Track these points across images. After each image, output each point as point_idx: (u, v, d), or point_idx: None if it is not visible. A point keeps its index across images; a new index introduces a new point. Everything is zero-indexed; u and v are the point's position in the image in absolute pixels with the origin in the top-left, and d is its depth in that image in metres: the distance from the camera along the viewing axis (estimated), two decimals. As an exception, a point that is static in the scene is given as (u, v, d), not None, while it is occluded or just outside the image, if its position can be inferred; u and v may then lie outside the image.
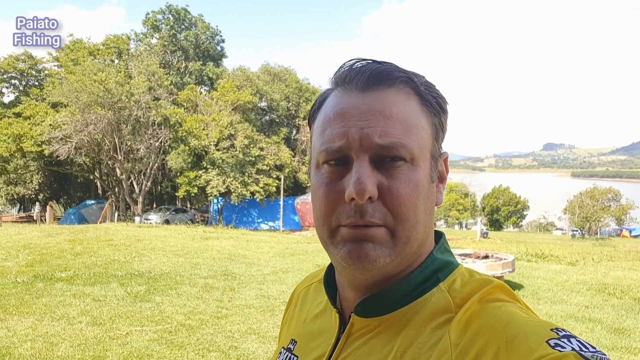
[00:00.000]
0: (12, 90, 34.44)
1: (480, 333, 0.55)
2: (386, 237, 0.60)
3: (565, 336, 0.52)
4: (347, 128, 0.60)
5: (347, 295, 0.68)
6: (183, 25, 36.87)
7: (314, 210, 0.65)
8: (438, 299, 0.62)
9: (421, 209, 0.62)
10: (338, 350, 0.66)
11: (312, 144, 0.68)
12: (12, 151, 28.75)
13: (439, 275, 0.65)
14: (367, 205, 0.58)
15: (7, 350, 4.83)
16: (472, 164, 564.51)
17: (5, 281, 7.80)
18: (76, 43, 32.89)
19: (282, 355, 0.76)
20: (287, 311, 0.88)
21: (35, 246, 11.21)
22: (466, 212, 62.44)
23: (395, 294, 0.63)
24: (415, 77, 0.64)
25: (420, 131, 0.63)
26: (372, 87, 0.62)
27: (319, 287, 0.79)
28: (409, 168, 0.61)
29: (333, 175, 0.62)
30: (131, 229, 16.15)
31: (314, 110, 0.69)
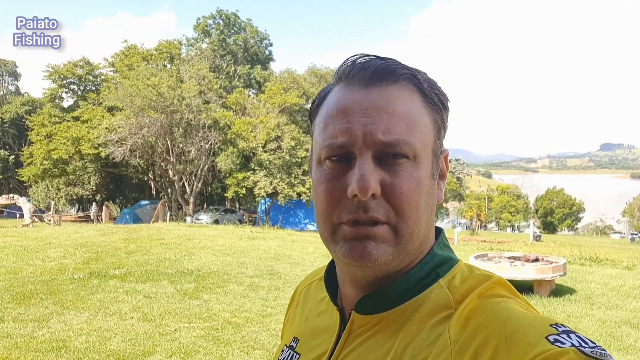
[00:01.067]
0: (71, 95, 36.15)
1: (479, 329, 0.55)
2: (389, 235, 0.60)
3: (564, 332, 0.51)
4: (350, 124, 0.60)
5: (348, 292, 0.69)
6: (233, 30, 37.62)
7: (316, 206, 0.64)
8: (438, 295, 0.62)
9: (423, 206, 0.62)
10: (339, 348, 0.66)
11: (313, 139, 0.68)
12: (71, 153, 30.14)
13: (439, 271, 0.65)
14: (369, 201, 0.58)
15: (64, 343, 5.07)
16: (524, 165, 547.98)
17: (63, 277, 8.18)
18: (130, 49, 34.11)
19: (284, 353, 0.77)
20: (289, 309, 0.88)
21: (92, 244, 11.70)
22: (518, 215, 60.71)
23: (395, 291, 0.63)
24: (418, 74, 0.64)
25: (422, 128, 0.62)
26: (375, 83, 0.62)
27: (320, 285, 0.79)
28: (412, 165, 0.61)
29: (335, 171, 0.61)
30: (182, 228, 16.61)
31: (315, 105, 0.69)
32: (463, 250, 12.87)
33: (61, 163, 31.59)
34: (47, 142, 31.06)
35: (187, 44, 37.96)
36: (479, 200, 51.55)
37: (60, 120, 32.59)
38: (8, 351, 4.80)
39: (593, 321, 6.41)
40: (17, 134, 43.12)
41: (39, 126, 32.51)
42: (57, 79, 34.74)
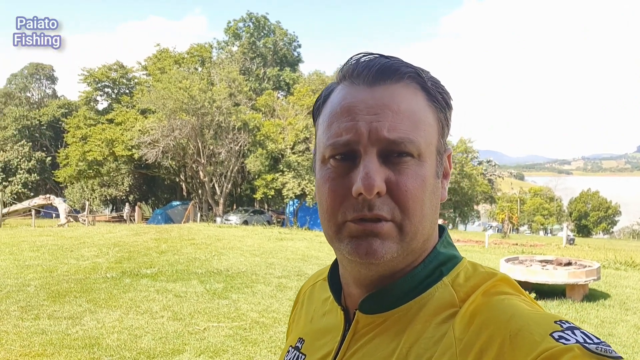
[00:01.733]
0: (105, 98, 37.06)
1: (484, 327, 0.55)
2: (394, 232, 0.60)
3: (569, 328, 0.51)
4: (355, 122, 0.60)
5: (352, 291, 0.68)
6: (262, 33, 37.95)
7: (320, 205, 0.64)
8: (442, 294, 0.62)
9: (427, 204, 0.62)
10: (344, 348, 0.66)
11: (317, 138, 0.68)
12: (105, 155, 30.88)
13: (443, 270, 0.65)
14: (374, 199, 0.58)
15: (96, 341, 5.18)
16: (558, 167, 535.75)
17: (96, 276, 8.38)
18: (163, 52, 34.76)
19: (289, 354, 0.77)
20: (294, 310, 0.88)
21: (124, 244, 11.95)
22: (551, 218, 59.43)
23: (399, 290, 0.63)
24: (422, 73, 0.64)
25: (427, 127, 0.62)
26: (380, 81, 0.62)
27: (325, 285, 0.78)
28: (416, 163, 0.61)
29: (340, 169, 0.61)
30: (212, 229, 16.82)
31: (319, 103, 0.69)
32: (494, 253, 12.66)
33: (96, 164, 32.39)
34: (82, 144, 31.91)
35: (217, 47, 38.50)
36: (511, 202, 50.63)
37: (95, 122, 33.44)
38: (43, 347, 4.94)
39: (628, 327, 6.23)
40: (54, 136, 44.41)
41: (74, 128, 33.43)
42: (92, 82, 35.67)
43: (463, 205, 39.51)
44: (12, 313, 6.09)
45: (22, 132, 43.41)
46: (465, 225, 51.12)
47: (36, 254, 10.32)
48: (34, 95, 48.66)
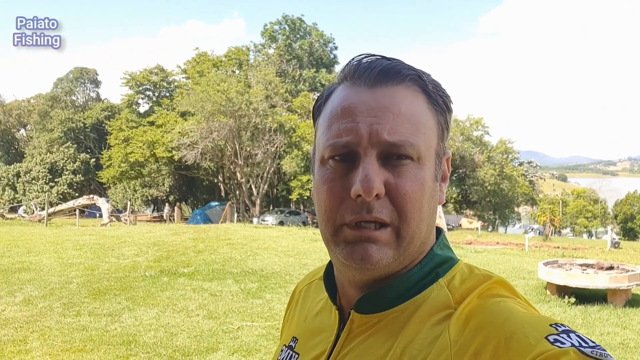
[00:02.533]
0: (146, 101, 38.04)
1: (479, 329, 0.54)
2: (391, 238, 0.59)
3: (564, 331, 0.51)
4: (355, 123, 0.60)
5: (347, 292, 0.68)
6: (298, 35, 38.17)
7: (318, 206, 0.64)
8: (437, 295, 0.62)
9: (426, 207, 0.62)
10: (338, 347, 0.66)
11: (316, 138, 0.67)
12: (146, 156, 31.70)
13: (438, 271, 0.64)
14: (373, 202, 0.58)
15: (134, 338, 5.32)
16: (602, 168, 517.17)
17: (135, 275, 8.60)
18: (201, 56, 35.41)
19: (283, 353, 0.76)
20: (289, 309, 0.87)
21: (163, 243, 12.22)
22: (595, 220, 57.51)
23: (394, 291, 0.63)
24: (423, 75, 0.64)
25: (427, 130, 0.62)
26: (381, 83, 0.61)
27: (320, 285, 0.78)
28: (416, 167, 0.60)
29: (339, 171, 0.61)
30: (248, 229, 17.02)
31: (319, 104, 0.68)
32: (533, 256, 12.35)
33: (137, 166, 33.29)
34: (124, 145, 32.86)
35: (254, 49, 38.94)
36: (553, 204, 49.20)
37: (136, 125, 34.38)
38: (83, 343, 5.10)
39: (677, 336, 5.96)
40: (98, 138, 45.83)
41: (117, 131, 34.47)
42: (134, 85, 36.67)
43: (503, 207, 38.64)
44: (55, 309, 6.32)
45: (68, 134, 44.99)
46: (506, 228, 50.02)
47: (79, 253, 10.67)
48: (78, 98, 50.32)
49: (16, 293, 7.06)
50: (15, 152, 50.38)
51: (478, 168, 32.54)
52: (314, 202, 0.67)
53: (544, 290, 7.84)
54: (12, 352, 4.79)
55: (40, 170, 42.14)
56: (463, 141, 32.38)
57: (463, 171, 33.13)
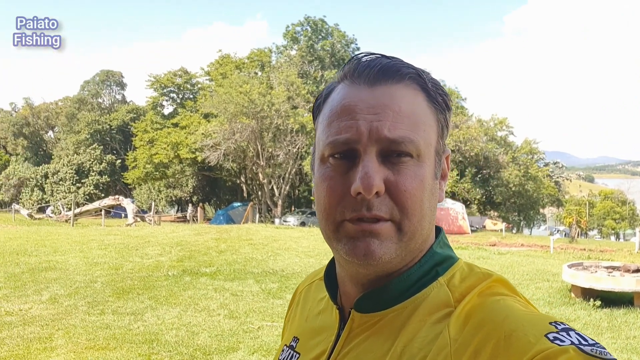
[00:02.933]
0: (170, 103, 38.55)
1: (478, 327, 0.54)
2: (392, 232, 0.60)
3: (564, 329, 0.52)
4: (355, 121, 0.60)
5: (348, 290, 0.68)
6: (320, 36, 38.22)
7: (318, 204, 0.64)
8: (437, 294, 0.62)
9: (426, 204, 0.62)
10: (339, 347, 0.66)
11: (316, 136, 0.68)
12: (170, 158, 32.13)
13: (438, 270, 0.65)
14: (373, 199, 0.58)
15: (156, 337, 5.40)
16: (631, 169, 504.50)
17: (158, 274, 8.72)
18: (224, 58, 35.75)
19: (284, 352, 0.77)
20: (290, 310, 0.88)
21: (186, 243, 12.36)
22: (623, 222, 56.19)
23: (394, 290, 0.63)
24: (423, 74, 0.64)
25: (427, 128, 0.63)
26: (380, 81, 0.62)
27: (321, 285, 0.78)
28: (415, 164, 0.61)
29: (339, 168, 0.61)
30: (269, 229, 17.10)
31: (319, 102, 0.69)
32: (557, 258, 12.12)
33: (162, 167, 33.76)
34: (149, 147, 33.36)
35: (276, 51, 39.11)
36: (579, 206, 48.25)
37: (161, 126, 34.87)
38: (107, 341, 5.19)
39: None
40: (123, 140, 46.62)
41: (142, 132, 35.02)
42: (158, 87, 37.21)
43: (528, 208, 38.05)
44: (80, 308, 6.44)
45: (94, 136, 45.88)
46: (531, 230, 49.23)
47: (104, 252, 10.87)
48: (104, 100, 51.25)
49: (43, 292, 7.22)
50: (43, 153, 51.52)
51: (502, 169, 32.12)
52: (314, 200, 0.68)
53: (568, 293, 7.69)
54: (38, 349, 4.90)
55: (67, 171, 43.06)
56: (487, 142, 32.01)
57: (487, 172, 32.74)
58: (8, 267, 8.82)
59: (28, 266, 8.94)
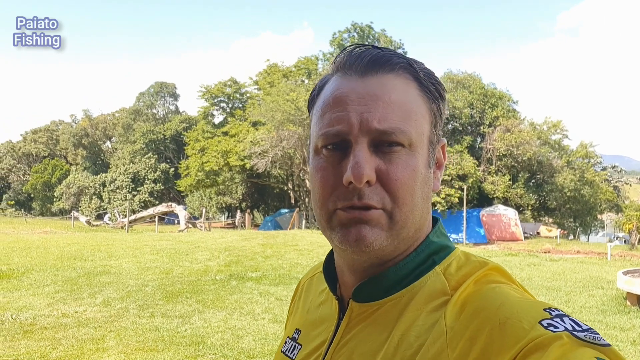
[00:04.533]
0: (220, 112, 39.46)
1: (474, 315, 0.55)
2: (383, 220, 0.60)
3: (558, 315, 0.52)
4: (345, 112, 0.61)
5: (346, 280, 0.69)
6: (367, 42, 38.18)
7: (313, 195, 0.65)
8: (434, 282, 0.63)
9: (418, 193, 0.62)
10: (338, 336, 0.67)
11: (311, 129, 0.68)
12: (220, 165, 32.82)
13: (435, 259, 0.65)
14: (364, 188, 0.59)
15: (202, 339, 5.53)
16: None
17: (206, 279, 8.92)
18: (272, 67, 36.27)
19: (287, 344, 0.78)
20: (293, 302, 0.89)
21: (234, 249, 12.59)
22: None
23: (391, 278, 0.64)
24: (414, 64, 0.64)
25: (418, 117, 0.63)
26: (371, 72, 0.62)
27: (322, 277, 0.79)
28: (407, 153, 0.61)
29: (331, 159, 0.62)
30: (315, 235, 17.16)
31: (313, 95, 0.70)
32: (615, 265, 11.56)
33: (212, 174, 34.52)
34: (200, 155, 34.21)
35: (323, 58, 39.30)
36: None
37: (211, 135, 35.71)
38: (155, 343, 5.36)
39: None
40: (176, 149, 48.05)
41: (193, 141, 35.98)
42: (209, 98, 38.16)
43: (584, 214, 36.48)
44: (131, 311, 6.68)
45: (149, 145, 47.54)
46: (588, 236, 47.17)
47: (155, 257, 11.22)
48: (159, 111, 53.03)
49: (97, 295, 7.53)
50: (101, 163, 53.80)
51: (557, 173, 30.97)
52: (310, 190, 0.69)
53: (623, 301, 7.34)
54: (90, 349, 5.11)
55: (124, 179, 44.81)
56: (540, 145, 30.98)
57: (540, 177, 31.67)
58: (66, 271, 9.26)
59: (84, 270, 9.35)
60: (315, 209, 0.65)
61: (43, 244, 13.06)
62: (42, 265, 9.81)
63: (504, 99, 33.12)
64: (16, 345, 5.14)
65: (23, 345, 5.15)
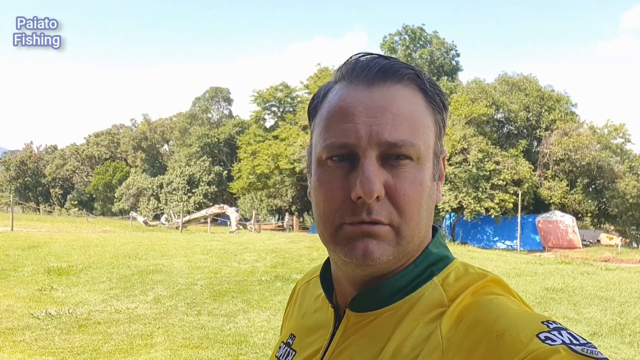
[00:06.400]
0: (272, 116, 40.11)
1: (471, 327, 0.55)
2: (390, 236, 0.60)
3: (555, 329, 0.51)
4: (354, 124, 0.59)
5: (344, 289, 0.68)
6: (418, 44, 37.82)
7: (316, 207, 0.63)
8: (431, 293, 0.62)
9: (424, 207, 0.62)
10: (333, 345, 0.67)
11: (313, 138, 0.67)
12: (271, 169, 33.33)
13: (433, 269, 0.65)
14: (373, 203, 0.58)
15: (245, 338, 5.65)
16: None
17: (252, 279, 9.09)
18: (323, 71, 36.50)
19: (281, 349, 0.77)
20: (289, 306, 0.88)
21: (280, 250, 12.75)
22: None
23: (389, 289, 0.63)
24: (421, 74, 0.64)
25: (426, 129, 0.62)
26: (379, 82, 0.61)
27: (318, 282, 0.78)
28: (415, 167, 0.60)
29: (337, 172, 0.61)
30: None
31: (316, 102, 0.68)
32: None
33: (263, 177, 35.11)
34: (252, 158, 34.89)
35: (374, 61, 39.21)
36: None
37: (263, 139, 36.37)
38: (200, 340, 5.53)
39: None
40: (230, 152, 49.19)
41: (246, 145, 36.75)
42: (261, 102, 38.89)
43: (650, 221, 34.68)
44: (180, 308, 6.91)
45: (204, 149, 48.93)
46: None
47: (206, 257, 11.52)
48: (213, 115, 54.44)
49: (148, 292, 7.83)
50: (159, 165, 55.78)
51: (618, 179, 29.55)
52: (311, 203, 0.67)
53: (686, 316, 6.94)
54: (139, 345, 5.33)
55: (180, 181, 46.31)
56: (600, 150, 29.68)
57: (600, 182, 30.31)
58: (120, 269, 9.67)
59: (137, 269, 9.73)
60: (318, 221, 0.64)
61: (101, 242, 13.69)
62: (99, 262, 10.29)
63: (561, 101, 31.94)
64: (71, 339, 5.43)
65: (77, 339, 5.43)
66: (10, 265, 9.67)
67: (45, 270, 9.31)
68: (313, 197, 0.65)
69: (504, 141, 31.62)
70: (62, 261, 10.36)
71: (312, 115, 0.69)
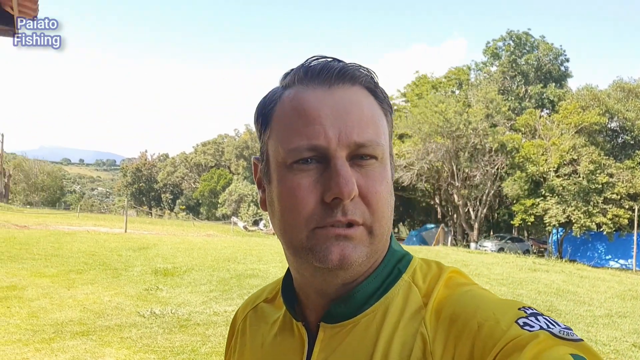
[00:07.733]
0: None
1: (452, 320, 0.57)
2: (364, 236, 0.59)
3: (532, 314, 0.54)
4: (320, 126, 0.59)
5: (313, 303, 0.66)
6: (524, 49, 36.11)
7: (282, 214, 0.61)
8: (405, 291, 0.63)
9: (390, 205, 0.63)
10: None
11: (269, 144, 0.65)
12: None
13: (400, 267, 0.65)
14: (348, 204, 0.58)
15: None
16: None
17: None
18: (421, 79, 36.06)
19: None
20: (231, 341, 0.81)
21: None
22: None
23: (364, 293, 0.63)
24: (375, 76, 0.64)
25: (384, 130, 0.64)
26: (338, 83, 0.61)
27: (269, 307, 0.76)
28: (380, 166, 0.61)
29: (306, 175, 0.59)
30: (460, 253, 16.54)
31: (270, 107, 0.65)
32: None
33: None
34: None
35: (476, 68, 38.01)
36: None
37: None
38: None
39: None
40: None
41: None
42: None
43: None
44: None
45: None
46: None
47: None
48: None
49: (245, 296, 8.08)
50: (259, 173, 57.83)
51: None
52: (268, 212, 0.66)
53: None
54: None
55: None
56: None
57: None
58: (220, 272, 10.11)
59: (236, 272, 10.12)
60: (286, 229, 0.61)
61: (204, 245, 14.41)
62: (201, 265, 10.83)
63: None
64: (172, 338, 5.74)
65: (178, 339, 5.73)
66: (122, 265, 10.47)
67: (152, 271, 9.97)
68: (277, 205, 0.62)
69: (619, 152, 29.20)
70: (168, 263, 11.04)
71: (264, 121, 0.66)
